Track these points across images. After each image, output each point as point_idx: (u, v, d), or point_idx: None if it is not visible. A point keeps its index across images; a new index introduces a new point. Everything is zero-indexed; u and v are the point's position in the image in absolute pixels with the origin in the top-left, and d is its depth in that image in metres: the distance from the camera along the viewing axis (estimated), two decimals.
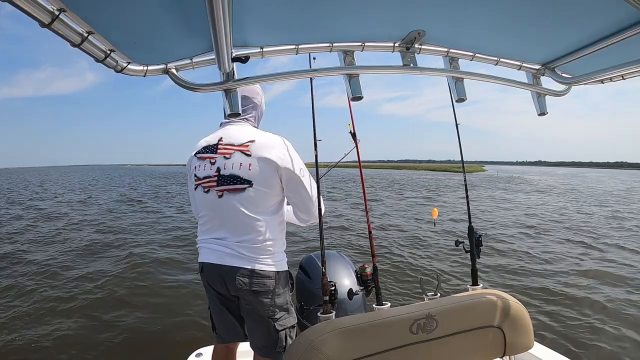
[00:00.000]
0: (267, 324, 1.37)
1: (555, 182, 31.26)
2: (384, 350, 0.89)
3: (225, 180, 1.34)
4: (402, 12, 0.80)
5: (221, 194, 1.34)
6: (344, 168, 47.23)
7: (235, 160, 1.34)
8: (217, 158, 1.38)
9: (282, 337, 1.38)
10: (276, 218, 1.40)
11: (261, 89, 1.59)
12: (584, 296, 4.22)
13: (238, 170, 1.33)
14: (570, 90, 1.15)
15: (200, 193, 1.40)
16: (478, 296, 1.04)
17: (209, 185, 1.37)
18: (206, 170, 1.38)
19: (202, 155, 1.43)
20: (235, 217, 1.33)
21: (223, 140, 1.41)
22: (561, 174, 60.55)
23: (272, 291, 1.36)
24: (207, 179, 1.37)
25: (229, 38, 0.67)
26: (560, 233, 8.05)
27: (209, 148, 1.43)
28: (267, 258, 1.35)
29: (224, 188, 1.34)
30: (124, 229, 8.12)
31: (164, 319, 3.56)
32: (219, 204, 1.35)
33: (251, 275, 1.32)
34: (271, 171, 1.33)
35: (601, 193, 20.44)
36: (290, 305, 1.44)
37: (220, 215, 1.36)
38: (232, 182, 1.33)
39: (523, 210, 11.55)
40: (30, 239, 7.11)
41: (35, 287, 4.35)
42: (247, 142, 1.37)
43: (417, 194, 17.54)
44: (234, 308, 1.43)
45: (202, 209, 1.42)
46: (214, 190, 1.35)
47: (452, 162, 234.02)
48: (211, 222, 1.40)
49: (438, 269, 5.16)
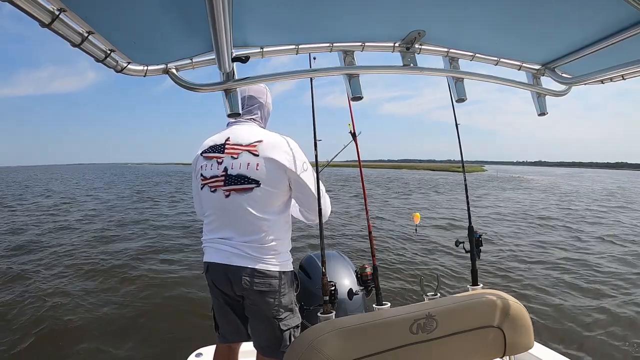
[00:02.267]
0: (272, 323, 1.37)
1: (555, 182, 31.25)
2: (384, 350, 0.89)
3: (232, 180, 1.34)
4: (402, 12, 0.80)
5: (228, 193, 1.34)
6: (345, 168, 46.73)
7: (242, 160, 1.35)
8: (224, 158, 1.38)
9: (287, 337, 1.39)
10: (282, 218, 1.41)
11: (267, 89, 1.58)
12: (585, 296, 4.23)
13: (246, 170, 1.33)
14: (571, 90, 1.15)
15: (207, 192, 1.40)
16: (478, 296, 1.04)
17: (216, 185, 1.37)
18: (213, 170, 1.39)
19: (209, 154, 1.43)
20: (241, 217, 1.34)
21: (230, 140, 1.41)
22: (560, 174, 60.54)
23: (277, 291, 1.36)
24: (214, 178, 1.38)
25: (229, 38, 0.67)
26: (560, 232, 8.05)
27: (215, 148, 1.43)
28: (273, 258, 1.36)
29: (231, 188, 1.34)
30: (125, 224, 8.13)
31: (164, 318, 3.56)
32: (225, 204, 1.35)
33: (257, 275, 1.33)
34: (278, 171, 1.34)
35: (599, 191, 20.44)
36: (295, 305, 1.44)
37: (226, 215, 1.36)
38: (239, 182, 1.33)
39: (522, 209, 11.55)
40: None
41: (33, 279, 4.35)
42: (255, 142, 1.37)
43: (419, 193, 17.54)
44: (238, 308, 1.43)
45: (208, 208, 1.42)
46: (221, 190, 1.36)
47: (452, 162, 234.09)
48: (217, 221, 1.40)
49: (438, 269, 5.16)
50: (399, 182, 28.44)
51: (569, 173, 68.48)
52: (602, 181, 36.13)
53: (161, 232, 7.77)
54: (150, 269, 5.03)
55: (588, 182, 32.80)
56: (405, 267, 5.21)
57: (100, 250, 6.20)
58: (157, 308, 3.81)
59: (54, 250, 6.14)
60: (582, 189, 23.75)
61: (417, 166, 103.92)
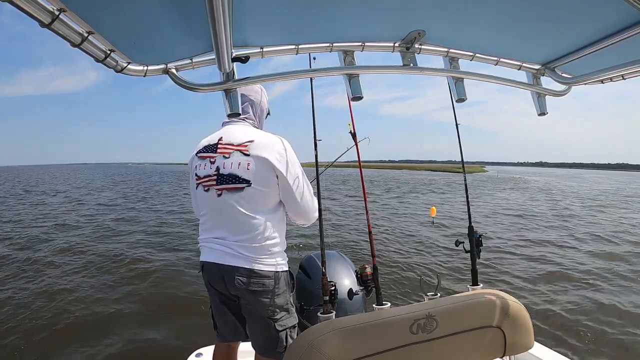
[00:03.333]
0: (267, 324, 1.37)
1: (555, 183, 31.22)
2: (384, 350, 0.89)
3: (224, 180, 1.35)
4: (402, 12, 0.80)
5: (220, 192, 1.35)
6: (345, 168, 47.02)
7: (234, 160, 1.35)
8: (216, 157, 1.39)
9: (283, 338, 1.38)
10: (275, 217, 1.40)
11: (262, 88, 1.58)
12: (585, 296, 4.23)
13: (237, 169, 1.34)
14: (571, 90, 1.15)
15: (201, 192, 1.41)
16: (478, 296, 1.04)
17: (209, 185, 1.38)
18: (206, 170, 1.40)
19: (203, 154, 1.44)
20: (233, 217, 1.34)
21: (223, 139, 1.42)
22: (560, 175, 60.53)
23: (271, 291, 1.35)
24: (207, 177, 1.39)
25: (229, 38, 0.67)
26: (559, 231, 8.05)
27: (209, 147, 1.44)
28: (267, 258, 1.35)
29: (223, 187, 1.35)
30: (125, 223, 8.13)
31: (163, 318, 3.56)
32: (217, 203, 1.36)
33: (250, 274, 1.32)
34: (268, 171, 1.34)
35: (597, 194, 20.43)
36: (290, 305, 1.43)
37: (219, 214, 1.37)
38: (231, 182, 1.34)
39: (520, 210, 11.56)
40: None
41: (34, 278, 4.35)
42: (246, 141, 1.37)
43: (417, 193, 17.54)
44: (235, 307, 1.44)
45: (203, 207, 1.43)
46: (213, 189, 1.36)
47: (453, 163, 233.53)
48: (211, 221, 1.40)
49: (438, 269, 5.17)
50: (398, 181, 28.45)
51: (569, 174, 68.45)
52: (600, 182, 36.12)
53: (164, 229, 7.78)
54: (150, 269, 5.03)
55: (586, 183, 32.80)
56: (405, 267, 5.22)
57: (101, 245, 6.21)
58: (157, 308, 3.81)
59: (59, 247, 6.15)
60: (582, 189, 23.73)
61: (417, 167, 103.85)
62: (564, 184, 29.96)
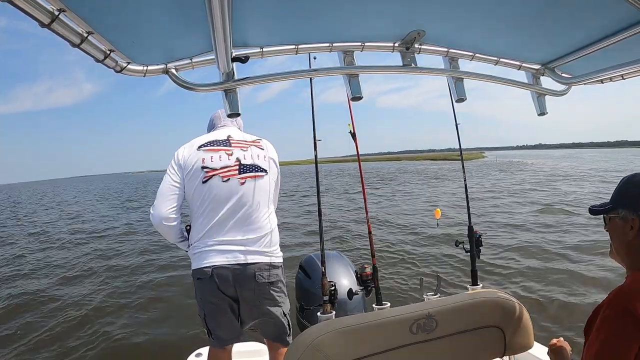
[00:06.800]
0: (278, 311, 1.47)
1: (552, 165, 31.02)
2: (384, 350, 0.88)
3: (247, 169, 1.45)
4: (401, 12, 0.80)
5: (244, 181, 1.43)
6: (344, 163, 46.54)
7: (253, 152, 1.49)
8: (233, 150, 1.47)
9: (286, 323, 1.50)
10: (273, 207, 1.55)
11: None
12: (585, 296, 4.22)
13: (257, 159, 1.47)
14: (570, 90, 1.15)
15: (217, 183, 1.40)
16: (478, 296, 1.04)
17: (229, 174, 1.42)
18: (223, 161, 1.43)
19: (212, 147, 1.45)
20: (254, 204, 1.43)
21: (233, 137, 1.51)
22: (558, 155, 60.07)
23: (281, 280, 1.48)
24: (227, 168, 1.43)
25: (228, 38, 0.67)
26: (559, 231, 8.04)
27: (217, 142, 1.48)
28: (277, 250, 1.48)
29: (246, 175, 1.44)
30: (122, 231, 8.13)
31: (163, 319, 3.56)
32: (240, 190, 1.42)
33: (269, 268, 1.43)
34: (274, 167, 1.53)
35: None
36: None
37: (238, 203, 1.42)
38: (253, 170, 1.46)
39: (520, 202, 11.52)
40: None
41: (37, 287, 4.35)
42: (256, 139, 1.55)
43: (418, 185, 17.52)
44: (237, 309, 1.45)
45: (212, 202, 1.40)
46: (235, 179, 1.42)
47: (452, 150, 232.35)
48: (222, 216, 1.39)
49: (438, 269, 5.16)
50: (399, 172, 28.32)
51: (567, 154, 67.88)
52: (595, 160, 35.66)
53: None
54: (150, 270, 5.03)
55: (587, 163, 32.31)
56: (405, 267, 5.21)
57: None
58: (157, 308, 3.81)
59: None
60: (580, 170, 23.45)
61: (417, 157, 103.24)
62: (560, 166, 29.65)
